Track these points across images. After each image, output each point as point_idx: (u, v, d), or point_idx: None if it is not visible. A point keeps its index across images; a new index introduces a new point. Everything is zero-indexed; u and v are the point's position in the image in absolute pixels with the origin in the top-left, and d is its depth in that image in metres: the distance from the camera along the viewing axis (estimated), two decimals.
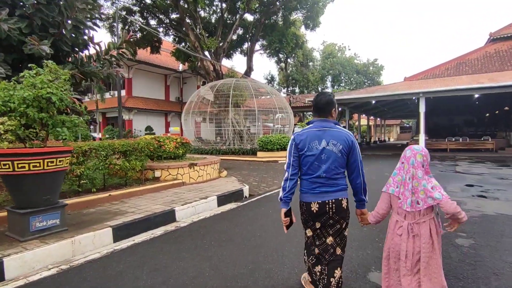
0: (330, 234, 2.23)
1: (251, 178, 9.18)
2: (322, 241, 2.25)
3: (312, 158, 2.15)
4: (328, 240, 2.23)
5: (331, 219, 2.18)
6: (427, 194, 1.94)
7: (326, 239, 2.24)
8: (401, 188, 2.04)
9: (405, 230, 2.00)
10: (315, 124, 2.22)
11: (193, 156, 9.55)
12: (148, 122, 30.21)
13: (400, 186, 2.06)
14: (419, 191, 1.97)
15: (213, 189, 6.73)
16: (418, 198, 1.97)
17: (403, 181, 2.05)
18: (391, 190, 2.10)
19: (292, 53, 28.40)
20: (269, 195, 6.86)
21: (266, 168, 11.73)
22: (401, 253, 2.01)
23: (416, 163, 2.01)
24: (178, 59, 24.79)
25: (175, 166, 7.13)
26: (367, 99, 18.44)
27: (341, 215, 2.20)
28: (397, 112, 38.20)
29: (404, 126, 60.24)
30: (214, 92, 16.75)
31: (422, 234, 1.96)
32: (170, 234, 4.26)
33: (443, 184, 7.83)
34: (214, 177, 8.20)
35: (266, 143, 13.80)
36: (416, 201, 1.98)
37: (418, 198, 1.97)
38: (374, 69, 40.29)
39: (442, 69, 21.69)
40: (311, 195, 2.19)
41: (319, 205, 2.16)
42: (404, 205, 2.01)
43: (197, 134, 21.82)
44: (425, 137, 16.97)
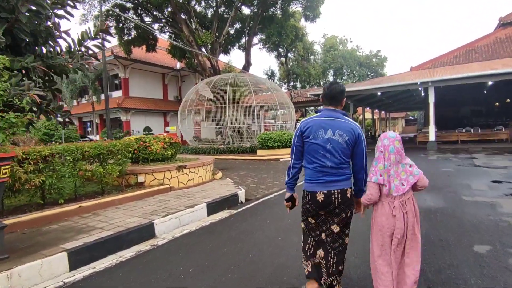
0: (335, 222, 2.22)
1: (249, 180, 8.35)
2: (327, 227, 2.25)
3: (317, 147, 2.15)
4: (333, 227, 2.23)
5: (336, 209, 2.18)
6: (408, 173, 2.11)
7: (331, 226, 2.23)
8: (385, 176, 2.12)
9: (398, 209, 2.08)
10: (323, 113, 2.22)
11: (186, 157, 8.74)
12: (147, 122, 29.45)
13: (384, 173, 2.12)
14: (400, 173, 2.11)
15: (204, 195, 5.91)
16: (401, 180, 2.10)
17: (385, 168, 2.12)
18: (374, 179, 2.15)
19: (292, 46, 27.46)
20: (268, 200, 6.03)
21: (266, 167, 10.89)
22: (399, 231, 2.08)
23: (396, 149, 2.12)
24: (174, 56, 23.97)
25: (161, 170, 6.32)
26: (373, 91, 17.49)
27: (346, 205, 2.19)
28: (403, 105, 37.09)
29: (409, 118, 59.04)
30: (210, 89, 15.91)
31: (409, 210, 2.10)
32: (141, 257, 3.45)
33: (465, 181, 7.00)
34: (207, 180, 7.38)
35: (266, 140, 12.95)
36: (400, 183, 2.10)
37: (401, 180, 2.10)
38: (377, 60, 39.04)
39: (450, 57, 20.64)
40: (316, 184, 2.18)
41: (325, 195, 2.15)
42: (390, 191, 2.11)
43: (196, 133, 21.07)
44: (435, 129, 15.99)
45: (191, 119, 16.97)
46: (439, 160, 10.89)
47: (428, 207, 4.77)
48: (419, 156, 12.35)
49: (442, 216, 4.25)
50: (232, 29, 23.65)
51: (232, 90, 15.39)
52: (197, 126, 20.83)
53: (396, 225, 2.09)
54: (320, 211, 2.21)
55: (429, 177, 6.59)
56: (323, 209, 2.19)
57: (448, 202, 5.03)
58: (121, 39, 23.43)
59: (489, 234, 3.52)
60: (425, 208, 4.70)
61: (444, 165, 9.37)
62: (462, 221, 4.02)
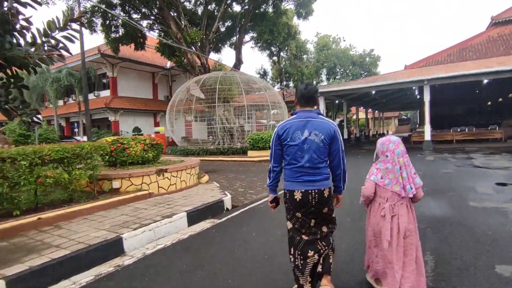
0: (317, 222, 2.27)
1: (237, 183, 7.79)
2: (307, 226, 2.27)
3: (295, 148, 2.18)
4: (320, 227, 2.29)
5: (313, 207, 2.20)
6: (412, 180, 2.21)
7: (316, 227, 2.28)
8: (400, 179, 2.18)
9: (388, 211, 2.19)
10: (299, 114, 2.25)
11: (169, 160, 8.14)
12: (136, 123, 28.68)
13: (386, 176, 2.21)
14: (410, 177, 2.20)
15: (186, 202, 5.33)
16: (410, 184, 2.18)
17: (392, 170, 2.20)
18: (373, 178, 2.26)
19: (285, 45, 26.99)
20: (257, 206, 5.48)
21: (256, 169, 10.34)
22: (386, 232, 2.17)
23: (401, 152, 2.22)
24: (163, 54, 23.27)
25: (139, 174, 5.72)
26: (368, 89, 17.08)
27: (323, 205, 2.22)
28: (396, 104, 36.96)
29: (402, 118, 59.13)
30: (199, 87, 15.30)
31: (402, 214, 2.18)
32: (100, 283, 2.87)
33: (468, 184, 6.56)
34: (191, 184, 6.79)
35: (257, 141, 12.40)
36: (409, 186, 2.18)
37: (410, 183, 2.18)
38: (371, 60, 38.81)
39: (444, 55, 20.39)
40: (295, 183, 2.21)
41: (302, 194, 2.18)
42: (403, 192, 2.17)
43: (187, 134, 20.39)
44: (430, 128, 15.65)
45: (179, 119, 16.32)
46: (437, 160, 10.48)
47: (434, 216, 4.27)
48: (416, 157, 11.95)
49: (452, 227, 3.75)
50: (222, 27, 23.07)
51: (222, 88, 14.81)
52: (187, 127, 20.19)
53: (384, 226, 2.16)
54: (297, 213, 2.24)
55: (430, 179, 6.10)
56: (300, 209, 2.21)
57: (455, 209, 4.55)
58: (108, 36, 22.64)
59: (509, 249, 3.03)
60: (432, 217, 4.21)
61: (443, 166, 8.94)
62: (475, 233, 3.53)
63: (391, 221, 2.16)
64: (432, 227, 3.77)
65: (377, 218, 2.27)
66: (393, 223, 2.16)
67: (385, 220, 2.16)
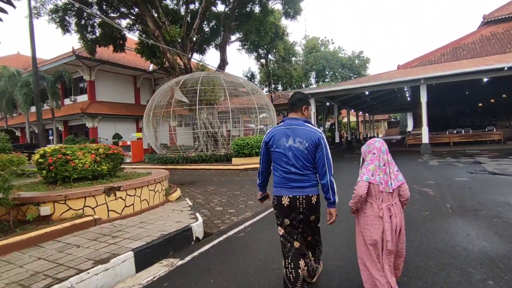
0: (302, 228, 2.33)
1: (216, 199, 6.44)
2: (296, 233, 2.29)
3: (280, 155, 2.23)
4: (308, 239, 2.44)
5: (301, 214, 2.22)
6: (395, 176, 2.26)
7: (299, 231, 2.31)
8: (381, 174, 2.23)
9: (385, 212, 2.17)
10: (286, 122, 2.30)
11: (135, 172, 6.76)
12: (117, 129, 26.97)
13: (379, 172, 2.23)
14: (392, 173, 2.26)
15: (141, 232, 3.97)
16: (393, 180, 2.24)
17: (381, 168, 2.24)
18: (365, 178, 2.23)
19: (272, 46, 25.93)
20: (236, 235, 4.17)
21: (241, 179, 9.01)
22: (387, 232, 2.15)
23: (386, 150, 2.30)
24: (142, 56, 21.83)
25: (80, 195, 4.32)
26: (361, 90, 16.04)
27: (310, 211, 2.25)
28: (387, 106, 36.37)
29: (391, 121, 58.88)
30: (179, 88, 13.93)
31: (397, 214, 2.21)
32: None
33: (499, 197, 4.98)
34: (155, 204, 5.41)
35: (242, 147, 11.07)
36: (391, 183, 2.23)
37: (393, 179, 2.24)
38: (360, 62, 38.17)
39: (438, 55, 19.64)
40: (283, 189, 2.24)
41: (290, 200, 2.20)
42: (386, 188, 2.21)
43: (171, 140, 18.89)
44: (428, 130, 14.68)
45: (162, 124, 14.86)
46: (443, 166, 9.39)
47: (484, 252, 3.04)
48: (417, 162, 10.87)
49: None
50: (206, 27, 21.82)
51: (205, 90, 13.49)
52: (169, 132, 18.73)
53: (384, 226, 2.16)
54: (285, 220, 2.25)
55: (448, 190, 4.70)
56: (288, 215, 2.23)
57: (507, 239, 3.33)
58: (83, 37, 21.04)
59: None
60: (481, 253, 2.98)
61: (454, 173, 7.83)
62: None
63: (390, 221, 2.17)
64: (494, 277, 2.52)
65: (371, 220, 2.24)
66: (392, 223, 2.19)
67: (384, 220, 2.18)
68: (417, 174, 8.06)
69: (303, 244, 2.35)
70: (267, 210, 5.29)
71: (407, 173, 8.21)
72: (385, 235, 2.16)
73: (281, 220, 2.27)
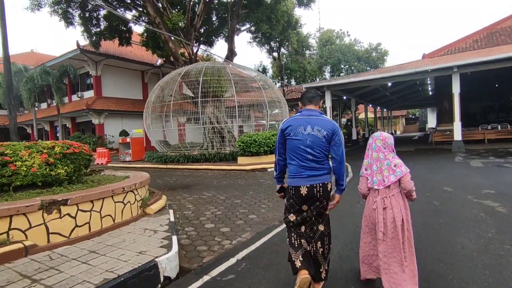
0: (317, 216, 2.37)
1: (209, 210, 5.09)
2: (309, 221, 2.38)
3: (298, 142, 2.27)
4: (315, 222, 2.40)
5: (318, 201, 2.30)
6: (390, 171, 2.26)
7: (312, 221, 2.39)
8: (369, 170, 2.36)
9: (379, 204, 2.27)
10: (303, 112, 2.38)
11: (114, 176, 5.50)
12: (124, 125, 26.11)
13: (368, 168, 2.38)
14: (383, 170, 2.28)
15: (82, 270, 2.67)
16: (383, 177, 2.27)
17: (369, 164, 2.37)
18: (360, 173, 2.42)
19: (284, 36, 24.30)
20: (223, 276, 2.80)
21: (246, 183, 7.64)
22: (378, 223, 2.25)
23: (377, 147, 2.33)
24: (147, 48, 20.74)
25: (3, 213, 3.04)
26: (383, 81, 14.35)
27: (325, 197, 2.32)
28: (407, 101, 34.23)
29: (409, 117, 56.14)
30: (182, 80, 12.66)
31: (394, 206, 2.23)
32: None
33: None
34: (125, 220, 4.11)
35: (248, 145, 9.69)
36: (382, 179, 2.28)
37: (383, 176, 2.27)
38: (378, 54, 35.93)
39: (470, 41, 17.63)
40: (299, 179, 2.28)
41: (308, 189, 2.26)
42: (372, 184, 2.33)
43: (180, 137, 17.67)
44: (461, 125, 12.89)
45: (158, 120, 13.65)
46: (491, 168, 7.73)
47: None
48: (454, 162, 9.21)
49: None
50: (214, 16, 20.53)
51: (209, 81, 12.16)
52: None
53: (377, 218, 2.25)
54: (303, 206, 2.32)
55: None
56: (306, 202, 2.30)
57: None
58: (87, 30, 20.11)
59: None
60: None
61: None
62: None
63: (384, 213, 2.24)
64: None
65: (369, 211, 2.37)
66: (386, 214, 2.23)
67: (377, 212, 2.25)
68: (464, 179, 6.47)
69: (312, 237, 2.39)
70: (272, 231, 3.93)
71: (451, 178, 6.63)
72: (377, 226, 2.25)
73: (298, 207, 2.33)
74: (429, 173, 7.41)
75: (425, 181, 6.47)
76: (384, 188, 2.25)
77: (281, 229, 3.97)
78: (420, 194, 5.32)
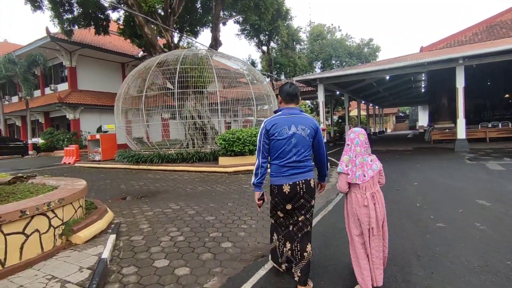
0: (301, 214, 2.35)
1: (168, 235, 3.68)
2: (295, 219, 2.37)
3: (283, 142, 2.25)
4: (300, 219, 2.36)
5: (302, 199, 2.29)
6: (367, 166, 2.26)
7: (298, 218, 2.36)
8: (349, 165, 2.29)
9: (370, 200, 2.23)
10: (284, 111, 2.34)
11: (44, 185, 4.06)
12: (103, 121, 24.21)
13: (348, 163, 2.30)
14: (364, 165, 2.26)
15: None
16: (364, 172, 2.25)
17: (350, 159, 2.29)
18: (339, 169, 2.32)
19: (274, 27, 22.96)
20: None
21: (225, 189, 6.26)
22: (371, 220, 2.21)
23: (360, 142, 2.28)
24: (124, 37, 19.01)
25: None
26: (382, 73, 13.16)
27: (310, 194, 2.32)
28: (398, 99, 33.43)
29: (399, 115, 55.72)
30: (157, 68, 11.14)
31: (379, 200, 2.27)
32: None
33: None
34: (25, 260, 2.69)
35: (231, 143, 8.29)
36: (363, 174, 2.26)
37: (364, 171, 2.25)
38: (370, 50, 35.03)
39: (469, 34, 16.67)
40: (282, 177, 2.27)
41: (291, 186, 2.26)
42: (353, 179, 2.26)
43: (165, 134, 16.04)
44: (465, 123, 11.85)
45: (125, 115, 12.09)
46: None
47: None
48: (464, 163, 8.07)
49: None
50: (198, 3, 18.97)
51: (186, 69, 10.69)
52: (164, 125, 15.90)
53: (370, 214, 2.21)
54: (288, 204, 2.31)
55: None
56: (290, 200, 2.29)
57: None
58: (58, 15, 18.17)
59: None
60: None
61: None
62: None
63: (375, 208, 2.22)
64: None
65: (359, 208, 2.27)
66: (377, 208, 2.23)
67: (370, 208, 2.21)
68: (493, 187, 5.27)
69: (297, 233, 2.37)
70: (254, 275, 2.59)
71: (474, 185, 5.42)
72: (371, 222, 2.21)
73: (283, 206, 2.33)
74: (445, 178, 6.20)
75: (447, 190, 5.24)
76: (370, 183, 2.25)
77: (266, 272, 2.65)
78: (451, 211, 4.04)
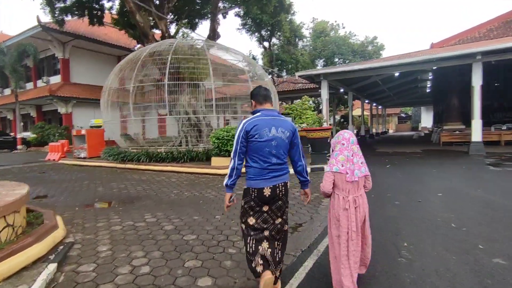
0: (278, 216, 2.31)
1: (129, 263, 2.77)
2: (271, 222, 2.29)
3: (264, 144, 2.19)
4: (277, 221, 2.31)
5: (280, 200, 2.27)
6: (358, 168, 2.27)
7: (275, 220, 2.30)
8: (347, 164, 2.26)
9: (351, 203, 2.23)
10: (263, 113, 2.27)
11: None
12: (97, 115, 23.15)
13: (345, 163, 2.27)
14: (359, 163, 2.29)
15: None
16: (359, 170, 2.27)
17: (348, 158, 2.27)
18: (335, 169, 2.27)
19: (276, 21, 21.99)
20: None
21: (216, 196, 5.33)
22: (352, 223, 2.22)
23: (354, 141, 2.32)
24: (119, 27, 18.04)
25: None
26: (391, 69, 12.20)
27: (287, 196, 2.32)
28: (402, 99, 32.42)
29: (401, 116, 54.76)
30: (147, 58, 10.21)
31: (361, 204, 2.28)
32: None
33: None
34: None
35: (225, 142, 7.37)
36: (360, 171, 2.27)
37: (359, 170, 2.27)
38: (374, 48, 34.07)
39: (484, 30, 15.72)
40: (262, 180, 2.21)
41: (271, 189, 2.21)
42: (352, 177, 2.24)
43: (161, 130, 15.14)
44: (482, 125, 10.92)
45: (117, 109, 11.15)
46: None
47: None
48: (488, 170, 7.15)
49: None
50: None
51: (179, 60, 9.75)
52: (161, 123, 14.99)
53: (350, 218, 2.21)
54: (264, 206, 2.25)
55: None
56: (268, 202, 2.25)
57: None
58: (49, 2, 17.16)
59: None
60: None
61: None
62: None
63: (356, 212, 2.23)
64: None
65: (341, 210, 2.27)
66: (357, 213, 2.24)
67: (350, 212, 2.22)
68: None
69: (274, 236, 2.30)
70: None
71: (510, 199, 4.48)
72: (350, 226, 2.22)
73: (259, 208, 2.25)
74: (473, 189, 5.29)
75: (486, 207, 4.31)
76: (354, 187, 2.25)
77: None
78: (505, 239, 3.08)
